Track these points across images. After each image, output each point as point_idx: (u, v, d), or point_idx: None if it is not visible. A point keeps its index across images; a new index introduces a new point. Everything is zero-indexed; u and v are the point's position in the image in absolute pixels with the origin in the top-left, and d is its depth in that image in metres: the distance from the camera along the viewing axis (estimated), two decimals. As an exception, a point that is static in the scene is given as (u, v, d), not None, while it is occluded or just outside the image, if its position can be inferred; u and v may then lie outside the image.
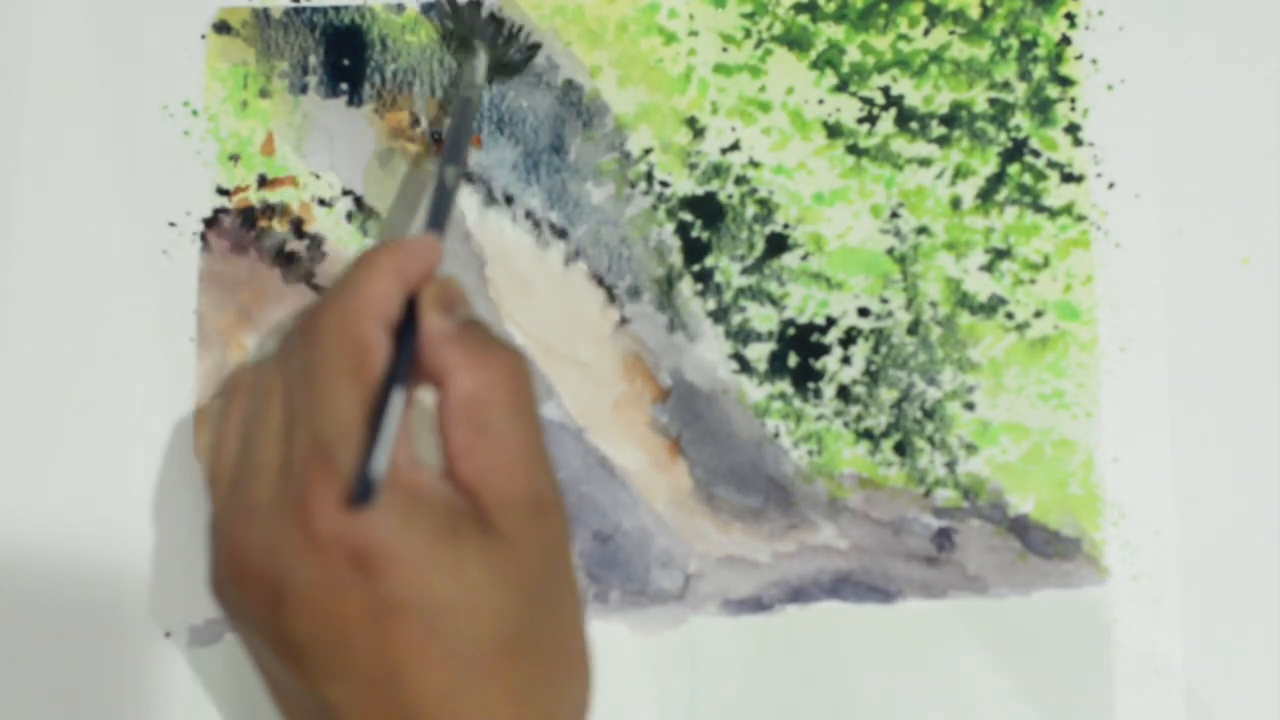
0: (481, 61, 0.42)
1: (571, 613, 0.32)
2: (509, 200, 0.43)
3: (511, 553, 0.30)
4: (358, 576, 0.29)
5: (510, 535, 0.30)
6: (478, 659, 0.29)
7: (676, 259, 0.43)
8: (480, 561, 0.29)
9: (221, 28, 0.44)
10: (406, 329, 0.31)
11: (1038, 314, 0.42)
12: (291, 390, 0.31)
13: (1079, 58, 0.43)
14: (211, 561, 0.32)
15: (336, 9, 0.44)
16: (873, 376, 0.42)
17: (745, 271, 0.42)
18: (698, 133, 0.43)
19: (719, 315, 0.42)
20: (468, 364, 0.31)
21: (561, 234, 0.43)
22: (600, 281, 0.42)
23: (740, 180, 0.43)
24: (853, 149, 0.43)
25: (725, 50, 0.43)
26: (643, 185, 0.43)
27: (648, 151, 0.43)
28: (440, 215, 0.36)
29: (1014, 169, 0.42)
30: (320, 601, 0.29)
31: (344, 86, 0.43)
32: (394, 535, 0.29)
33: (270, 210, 0.43)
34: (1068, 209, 0.42)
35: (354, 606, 0.29)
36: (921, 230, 0.42)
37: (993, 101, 0.43)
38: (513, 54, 0.42)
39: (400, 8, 0.44)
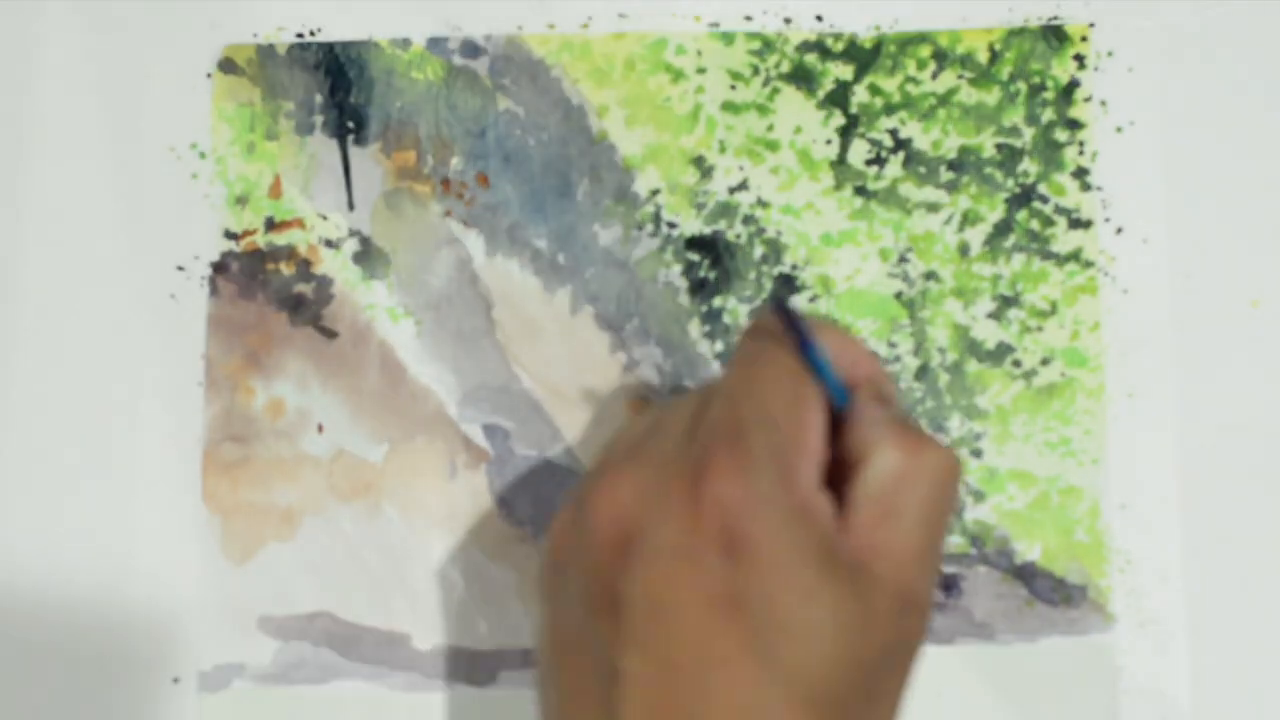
0: None
1: (882, 703, 0.29)
2: (516, 242, 0.43)
3: (865, 625, 0.28)
4: (719, 555, 0.27)
5: (872, 610, 0.28)
6: (783, 696, 0.27)
7: (685, 300, 0.43)
8: (835, 606, 0.28)
9: (227, 66, 0.44)
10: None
11: (1045, 361, 0.42)
12: (710, 387, 0.31)
13: (1088, 100, 0.43)
14: (564, 510, 0.31)
15: (343, 44, 0.44)
16: (880, 421, 0.42)
17: (754, 313, 0.42)
18: (705, 172, 0.43)
19: (727, 357, 0.42)
20: (897, 447, 0.30)
21: (569, 276, 0.43)
22: (608, 324, 0.43)
23: (748, 220, 0.43)
24: (861, 191, 0.43)
25: (733, 88, 0.43)
26: (650, 226, 0.43)
27: (655, 193, 0.43)
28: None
29: (1022, 215, 0.42)
30: (670, 565, 0.28)
31: (350, 125, 0.43)
32: (773, 532, 0.28)
33: (278, 253, 0.43)
34: (1075, 255, 0.42)
35: (700, 583, 0.27)
36: (929, 275, 0.42)
37: (1000, 147, 0.43)
38: None
39: (406, 43, 0.44)
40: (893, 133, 0.43)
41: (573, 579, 0.30)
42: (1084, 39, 0.43)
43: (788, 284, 0.42)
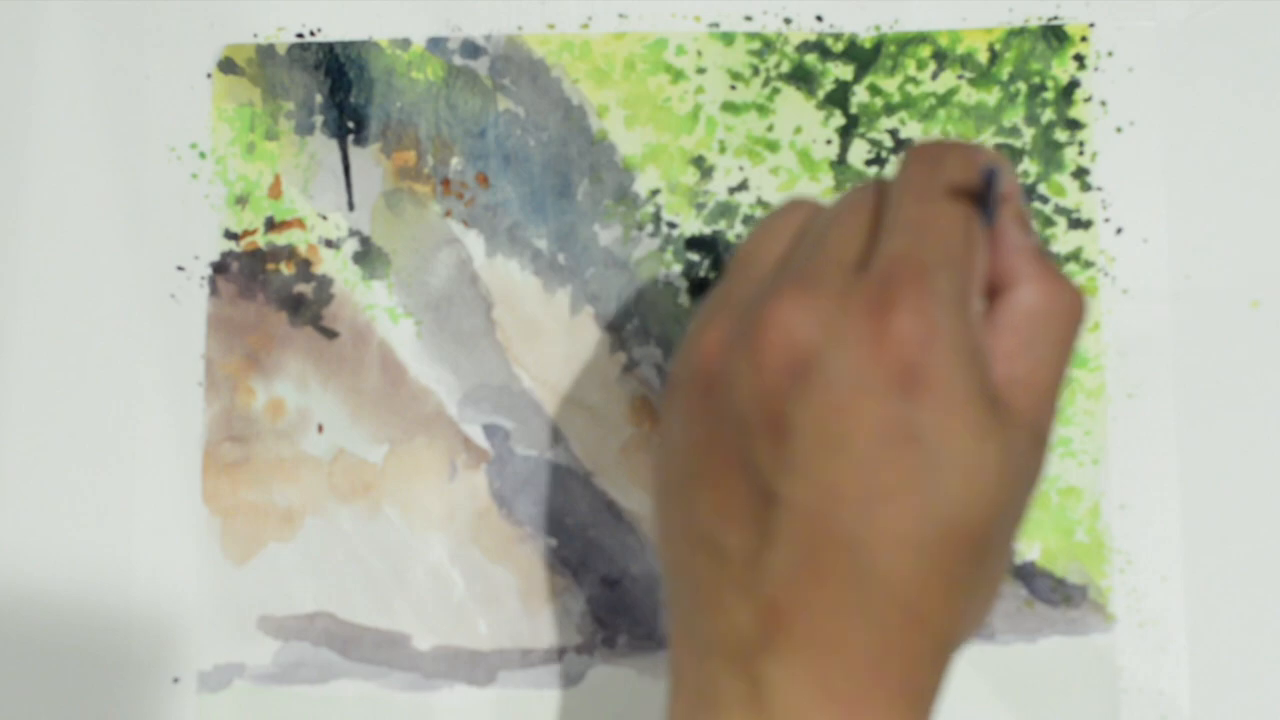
0: None
1: (1012, 540, 0.30)
2: (516, 242, 0.43)
3: (1012, 460, 0.28)
4: (898, 391, 0.27)
5: (1016, 445, 0.29)
6: (940, 534, 0.28)
7: (685, 300, 0.43)
8: (999, 445, 0.28)
9: (227, 66, 0.44)
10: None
11: (1045, 361, 0.42)
12: (887, 206, 0.30)
13: (1088, 100, 0.43)
14: (716, 321, 0.30)
15: (343, 44, 0.44)
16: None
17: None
18: (705, 172, 0.43)
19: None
20: (1041, 280, 0.30)
21: (569, 276, 0.43)
22: (608, 324, 0.43)
23: (748, 220, 0.43)
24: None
25: (733, 88, 0.43)
26: (650, 226, 0.43)
27: (655, 193, 0.43)
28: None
29: (1022, 215, 0.42)
30: (846, 395, 0.27)
31: (350, 125, 0.43)
32: (951, 371, 0.28)
33: (278, 253, 0.43)
34: (1075, 255, 0.42)
35: (876, 416, 0.27)
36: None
37: (1000, 147, 0.43)
38: None
39: (406, 43, 0.44)
40: (893, 133, 0.43)
41: (729, 399, 0.29)
42: (1084, 39, 0.43)
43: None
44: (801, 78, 0.43)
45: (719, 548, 0.29)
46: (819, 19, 0.43)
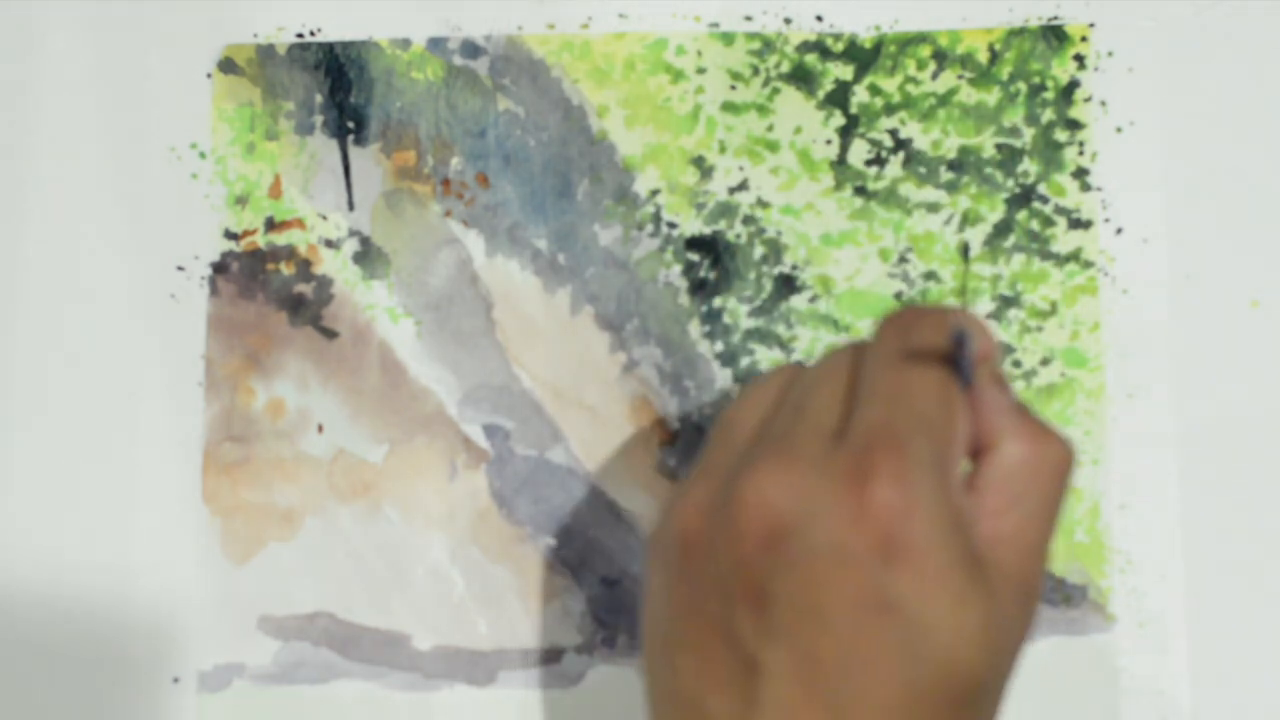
0: None
1: (999, 698, 0.30)
2: (516, 242, 0.43)
3: (998, 620, 0.29)
4: (876, 560, 0.28)
5: (1002, 604, 0.29)
6: (922, 701, 0.28)
7: (685, 300, 0.43)
8: (980, 609, 0.28)
9: (227, 66, 0.44)
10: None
11: (1044, 361, 0.42)
12: (862, 377, 0.30)
13: (1088, 100, 0.43)
14: (698, 489, 0.31)
15: (343, 44, 0.44)
16: (880, 421, 0.42)
17: (754, 313, 0.42)
18: (705, 172, 0.43)
19: (727, 358, 0.42)
20: (1024, 436, 0.30)
21: (569, 276, 0.43)
22: (608, 324, 0.43)
23: (748, 220, 0.43)
24: (861, 191, 0.43)
25: (733, 88, 0.43)
26: (650, 226, 0.43)
27: (655, 193, 0.43)
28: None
29: (1022, 215, 0.42)
30: (824, 565, 0.28)
31: (350, 125, 0.43)
32: (930, 539, 0.28)
33: (278, 253, 0.43)
34: (1075, 255, 0.42)
35: (855, 586, 0.28)
36: (929, 276, 0.42)
37: (1000, 147, 0.43)
38: None
39: (406, 43, 0.44)
40: (893, 133, 0.43)
41: (709, 567, 0.30)
42: (1084, 39, 0.43)
43: (788, 284, 0.42)
44: (801, 78, 0.43)
45: (703, 712, 0.29)
46: (819, 19, 0.43)
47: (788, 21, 0.43)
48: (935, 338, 0.31)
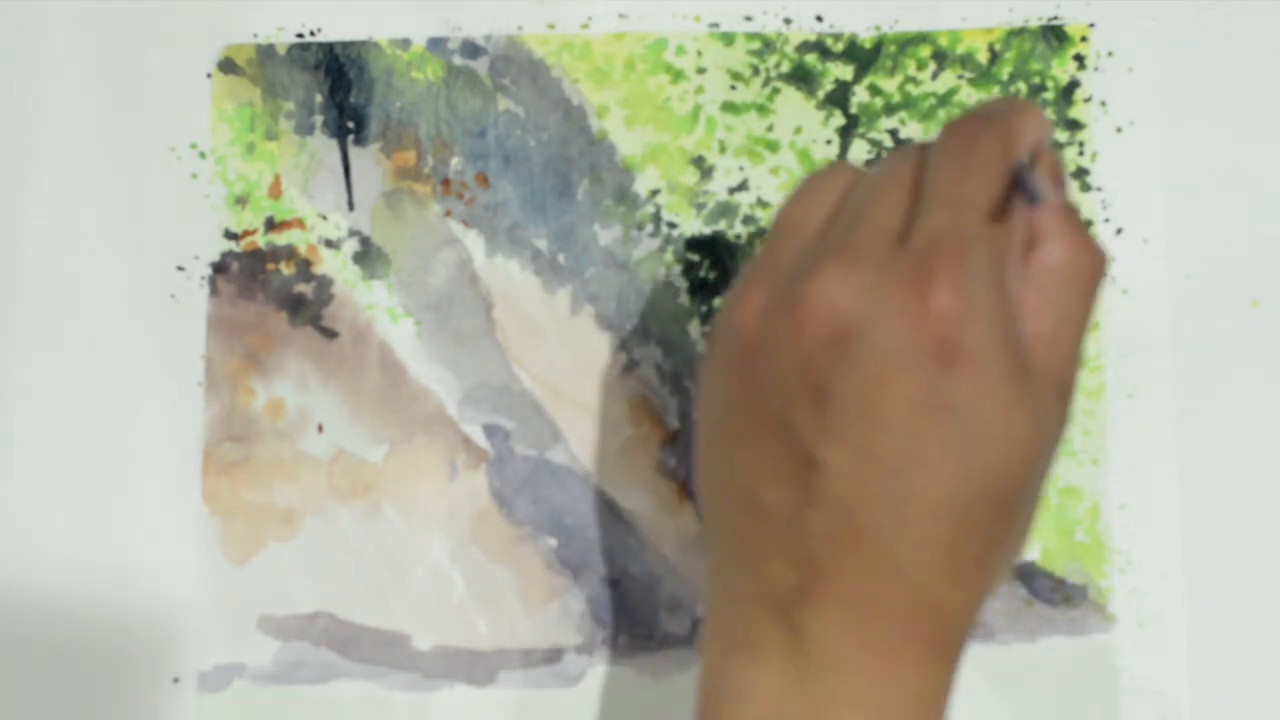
0: None
1: (1039, 497, 0.31)
2: (516, 242, 0.43)
3: (1041, 421, 0.30)
4: (935, 363, 0.28)
5: (1044, 404, 0.30)
6: (972, 499, 0.29)
7: (685, 300, 0.43)
8: (1029, 414, 0.29)
9: (227, 66, 0.44)
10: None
11: (1045, 361, 0.42)
12: (927, 180, 0.31)
13: (1088, 100, 0.43)
14: (759, 288, 0.31)
15: (343, 44, 0.44)
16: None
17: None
18: (705, 172, 0.43)
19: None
20: (1068, 238, 0.31)
21: (569, 276, 0.43)
22: (608, 324, 0.43)
23: (748, 220, 0.43)
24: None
25: (733, 88, 0.43)
26: (650, 226, 0.43)
27: (655, 193, 0.43)
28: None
29: (1022, 215, 0.42)
30: (885, 366, 0.28)
31: (350, 125, 0.43)
32: (987, 345, 0.29)
33: (278, 253, 0.43)
34: (1076, 255, 0.42)
35: (914, 388, 0.28)
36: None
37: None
38: None
39: (406, 43, 0.44)
40: (893, 133, 0.43)
41: (771, 364, 0.30)
42: (1084, 39, 0.43)
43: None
44: (801, 78, 0.43)
45: (759, 505, 0.30)
46: (819, 19, 0.43)
47: (788, 21, 0.43)
48: (996, 157, 0.31)
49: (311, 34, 0.44)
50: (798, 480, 0.29)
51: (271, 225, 0.43)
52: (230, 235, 0.43)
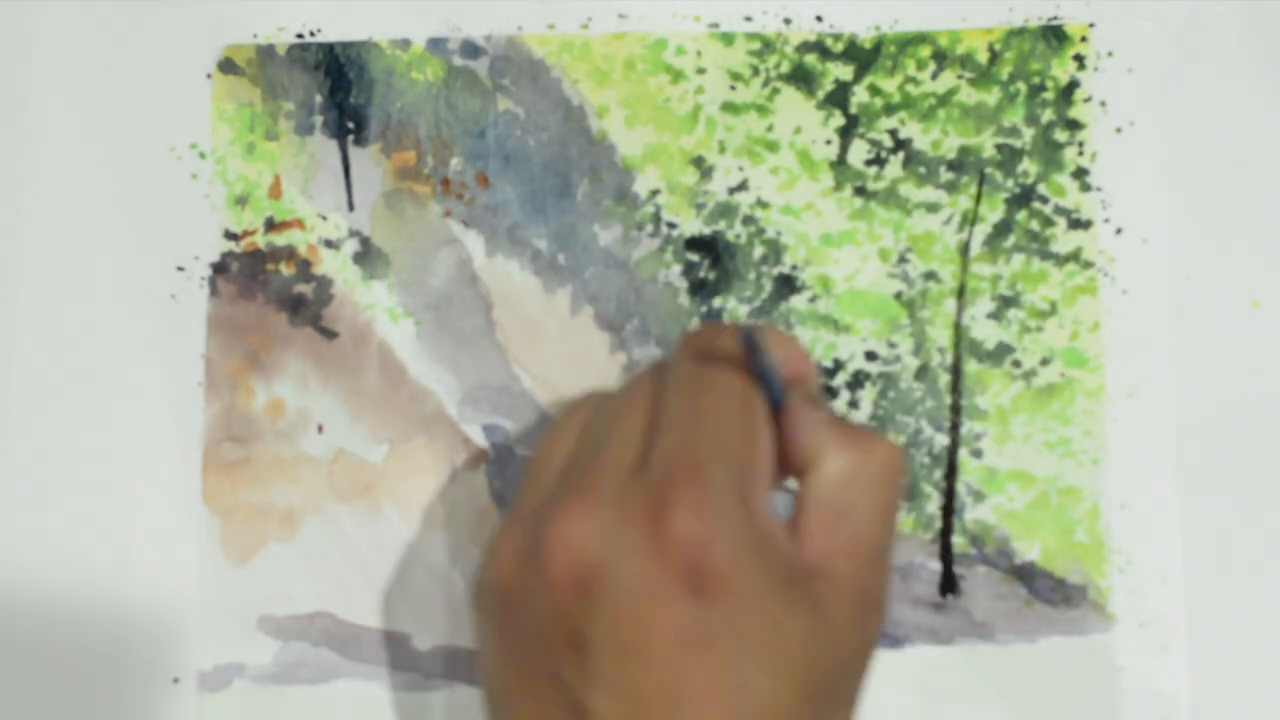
0: None
1: (844, 712, 0.30)
2: (516, 242, 0.43)
3: (830, 636, 0.29)
4: (687, 594, 0.28)
5: (835, 620, 0.29)
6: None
7: (685, 300, 0.43)
8: (800, 629, 0.28)
9: (227, 66, 0.44)
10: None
11: (1044, 361, 0.42)
12: (662, 405, 0.30)
13: (1088, 100, 0.43)
14: (509, 538, 0.31)
15: (343, 45, 0.44)
16: (880, 421, 0.42)
17: (753, 313, 0.42)
18: (705, 172, 0.43)
19: (726, 358, 0.42)
20: (845, 447, 0.30)
21: (569, 276, 0.43)
22: (608, 324, 0.43)
23: (748, 220, 0.43)
24: (861, 191, 0.43)
25: (733, 88, 0.43)
26: (650, 227, 0.43)
27: (655, 193, 0.43)
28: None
29: (1021, 215, 0.42)
30: (637, 606, 0.28)
31: (350, 125, 0.43)
32: (738, 565, 0.28)
33: (278, 253, 0.43)
34: (1075, 255, 0.42)
35: (668, 623, 0.28)
36: (929, 275, 0.42)
37: (1000, 147, 0.43)
38: None
39: (406, 43, 0.44)
40: (893, 133, 0.43)
41: (528, 615, 0.30)
42: (1084, 39, 0.43)
43: (788, 284, 0.42)
44: (801, 78, 0.43)
45: None
46: (819, 19, 0.43)
47: (788, 22, 0.43)
48: (730, 349, 0.30)
49: (311, 34, 0.44)
50: None
51: (271, 225, 0.43)
52: (230, 235, 0.43)
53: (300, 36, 0.44)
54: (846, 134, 0.43)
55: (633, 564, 0.28)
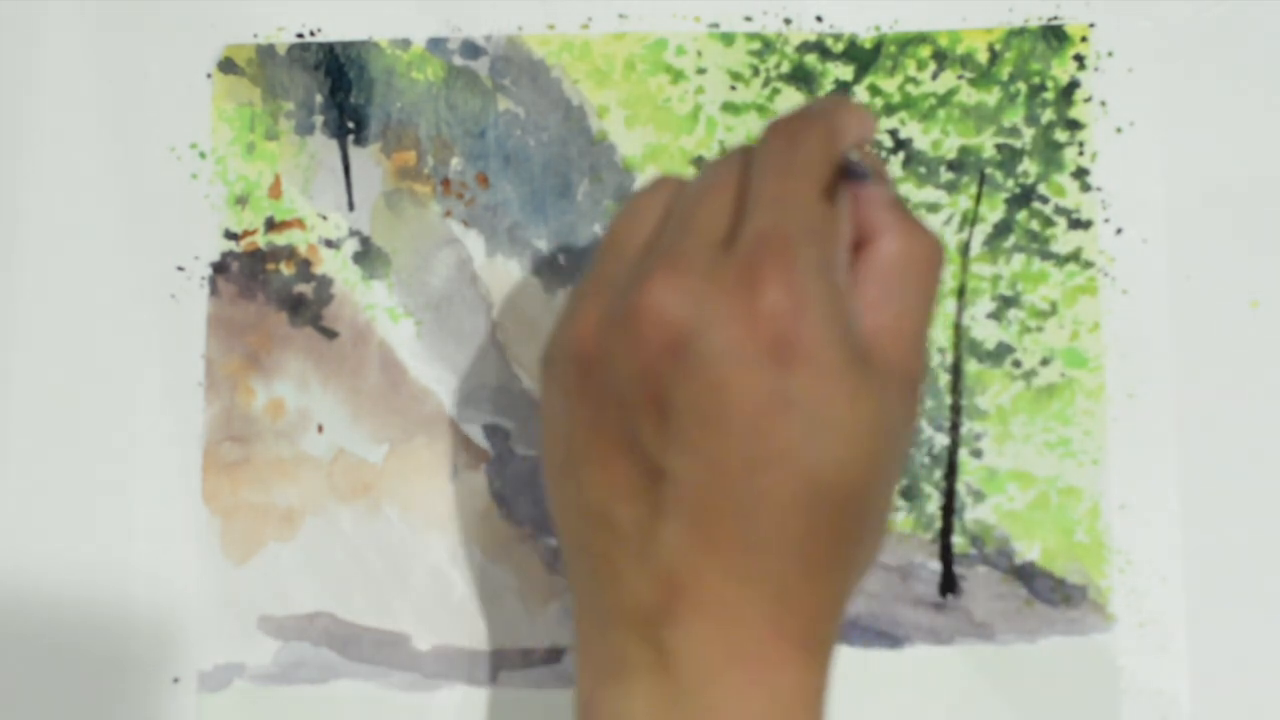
0: None
1: (893, 487, 0.32)
2: (516, 242, 0.43)
3: (887, 412, 0.30)
4: (771, 362, 0.28)
5: (889, 395, 0.30)
6: (823, 495, 0.29)
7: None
8: (871, 402, 0.29)
9: (227, 66, 0.44)
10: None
11: (1044, 361, 0.42)
12: (751, 182, 0.31)
13: (1088, 100, 0.43)
14: (592, 303, 0.31)
15: (343, 45, 0.44)
16: (880, 421, 0.42)
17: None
18: (705, 172, 0.43)
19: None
20: (901, 230, 0.31)
21: (569, 276, 0.43)
22: (608, 324, 0.42)
23: (747, 220, 0.43)
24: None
25: (733, 88, 0.43)
26: (650, 227, 0.43)
27: (655, 193, 0.43)
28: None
29: (1022, 215, 0.42)
30: (723, 370, 0.29)
31: (350, 125, 0.43)
32: (822, 340, 0.29)
33: (278, 253, 0.43)
34: (1075, 255, 0.42)
35: (751, 388, 0.28)
36: (929, 276, 0.42)
37: (1000, 147, 0.43)
38: None
39: (406, 43, 0.44)
40: (893, 133, 0.43)
41: (609, 379, 0.30)
42: (1084, 39, 0.43)
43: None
44: (801, 78, 0.43)
45: (612, 524, 0.30)
46: (819, 19, 0.43)
47: (788, 22, 0.43)
48: (819, 153, 0.31)
49: (311, 34, 0.44)
50: (648, 494, 0.29)
51: (271, 225, 0.43)
52: (230, 235, 0.43)
53: (300, 36, 0.44)
54: (846, 134, 0.43)
55: (723, 332, 0.29)
